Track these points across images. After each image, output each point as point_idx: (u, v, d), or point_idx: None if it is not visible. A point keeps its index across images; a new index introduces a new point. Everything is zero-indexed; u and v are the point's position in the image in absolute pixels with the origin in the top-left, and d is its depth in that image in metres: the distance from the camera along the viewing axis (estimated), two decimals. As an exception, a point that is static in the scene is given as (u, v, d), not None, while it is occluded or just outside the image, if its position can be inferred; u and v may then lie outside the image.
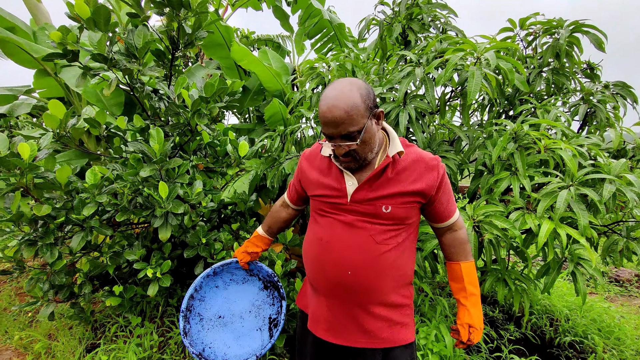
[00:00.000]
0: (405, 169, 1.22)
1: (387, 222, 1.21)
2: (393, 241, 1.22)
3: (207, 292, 1.79)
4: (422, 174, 1.21)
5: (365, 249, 1.20)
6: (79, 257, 2.65)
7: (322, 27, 3.99)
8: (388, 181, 1.21)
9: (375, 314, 1.24)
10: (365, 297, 1.22)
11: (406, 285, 1.30)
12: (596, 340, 2.69)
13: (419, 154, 1.25)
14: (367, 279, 1.20)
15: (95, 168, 2.27)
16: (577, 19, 2.40)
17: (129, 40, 2.14)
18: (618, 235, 2.13)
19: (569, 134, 2.24)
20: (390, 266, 1.22)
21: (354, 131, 1.09)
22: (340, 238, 1.23)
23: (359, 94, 1.08)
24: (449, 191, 1.29)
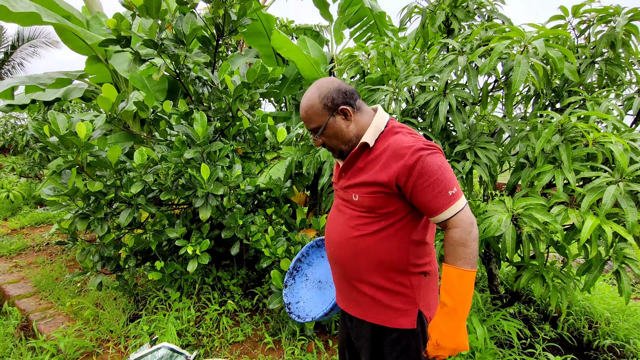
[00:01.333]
0: (375, 158, 1.23)
1: (359, 209, 1.27)
2: (367, 228, 1.25)
3: (314, 260, 2.04)
4: (388, 163, 1.18)
5: (341, 230, 1.32)
6: (125, 232, 2.82)
7: (363, 16, 3.96)
8: (359, 170, 1.28)
9: (359, 289, 1.32)
10: (346, 272, 1.34)
11: (396, 272, 1.27)
12: (639, 345, 2.57)
13: (393, 141, 1.21)
14: (343, 257, 1.32)
15: (143, 149, 2.40)
16: (637, 6, 2.26)
17: (177, 27, 2.23)
18: (670, 236, 2.01)
19: (620, 128, 2.13)
20: (363, 250, 1.27)
21: (316, 127, 1.28)
22: (332, 217, 1.41)
23: (317, 95, 1.24)
24: (434, 183, 1.14)
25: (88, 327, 2.67)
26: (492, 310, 2.76)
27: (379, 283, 1.27)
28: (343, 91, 1.25)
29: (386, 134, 1.26)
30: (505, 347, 2.46)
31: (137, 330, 2.56)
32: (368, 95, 2.59)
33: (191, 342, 2.50)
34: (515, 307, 3.07)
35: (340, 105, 1.24)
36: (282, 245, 2.58)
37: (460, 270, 1.13)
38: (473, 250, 1.14)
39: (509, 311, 2.93)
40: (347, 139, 1.28)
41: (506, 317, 2.57)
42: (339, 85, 1.25)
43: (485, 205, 2.09)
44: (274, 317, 2.74)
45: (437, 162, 1.14)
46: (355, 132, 1.28)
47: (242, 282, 3.16)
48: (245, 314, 2.76)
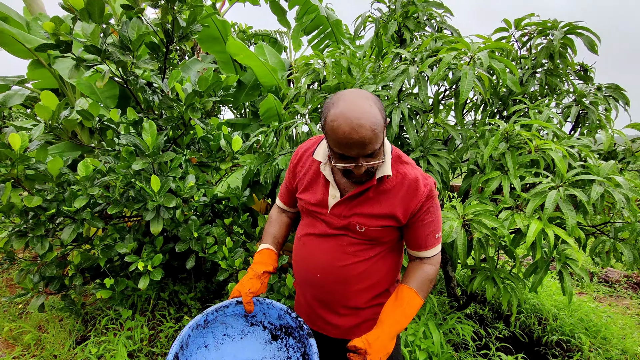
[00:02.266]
0: (388, 190, 1.18)
1: (360, 238, 1.22)
2: (364, 254, 1.22)
3: (193, 354, 1.25)
4: (405, 199, 1.16)
5: (334, 256, 1.23)
6: (70, 249, 2.64)
7: (319, 24, 3.98)
8: (367, 200, 1.18)
9: (340, 313, 1.28)
10: (329, 297, 1.28)
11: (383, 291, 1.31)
12: (583, 339, 2.73)
13: (409, 174, 1.17)
14: (332, 282, 1.24)
15: (87, 160, 2.26)
16: (572, 21, 2.42)
17: (123, 32, 2.13)
18: (606, 236, 2.15)
19: (560, 135, 2.26)
20: (357, 276, 1.23)
21: (378, 148, 1.04)
22: (314, 242, 1.27)
23: (377, 108, 1.02)
24: (432, 222, 1.19)
25: (29, 354, 2.47)
26: (449, 312, 2.83)
27: (365, 305, 1.28)
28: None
29: (395, 162, 1.19)
30: (461, 349, 2.52)
31: (84, 353, 2.40)
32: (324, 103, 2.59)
33: (144, 363, 2.37)
34: (471, 307, 3.17)
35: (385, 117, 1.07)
36: (239, 257, 2.52)
37: (421, 299, 1.19)
38: (432, 287, 1.26)
39: (465, 312, 3.02)
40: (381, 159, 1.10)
41: (461, 320, 2.65)
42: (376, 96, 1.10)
43: (438, 211, 2.14)
44: (232, 331, 2.66)
45: (437, 204, 1.22)
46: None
47: (200, 296, 3.05)
48: (203, 329, 2.67)
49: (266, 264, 1.33)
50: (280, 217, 1.49)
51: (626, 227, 2.10)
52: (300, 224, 1.39)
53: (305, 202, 1.28)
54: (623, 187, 1.87)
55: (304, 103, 2.75)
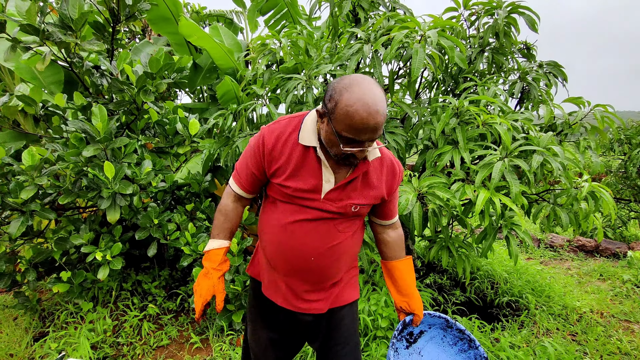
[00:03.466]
0: (372, 171, 1.24)
1: (352, 217, 1.29)
2: (350, 229, 1.30)
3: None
4: (387, 179, 1.28)
5: (328, 237, 1.25)
6: (21, 244, 2.51)
7: (275, 4, 3.90)
8: (360, 184, 1.24)
9: (326, 289, 1.35)
10: (323, 277, 1.31)
11: (356, 257, 1.44)
12: (530, 298, 2.98)
13: (385, 156, 1.29)
14: (327, 264, 1.28)
15: (33, 149, 2.14)
16: (515, 1, 2.54)
17: (62, 10, 2.00)
18: (547, 203, 2.34)
19: (505, 110, 2.40)
20: (345, 251, 1.32)
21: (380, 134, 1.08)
22: (306, 228, 1.24)
23: (383, 96, 1.05)
24: (397, 195, 1.39)
25: (-19, 354, 2.35)
26: (410, 282, 2.97)
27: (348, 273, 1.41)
28: None
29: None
30: (421, 314, 2.68)
31: (43, 349, 2.32)
32: (282, 84, 2.59)
33: (109, 354, 2.33)
34: (430, 277, 3.35)
35: None
36: (203, 242, 2.50)
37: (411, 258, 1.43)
38: None
39: (425, 282, 3.19)
40: None
41: (420, 288, 2.80)
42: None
43: (396, 186, 2.23)
44: (200, 315, 2.66)
45: None
46: None
47: (165, 284, 3.01)
48: (170, 316, 2.65)
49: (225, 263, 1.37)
50: (236, 207, 1.40)
51: (563, 193, 2.30)
52: (279, 211, 1.29)
53: (293, 189, 1.22)
54: (560, 156, 2.03)
55: (262, 84, 2.73)
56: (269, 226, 1.32)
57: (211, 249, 1.35)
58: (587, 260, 4.44)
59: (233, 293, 2.40)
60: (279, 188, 1.25)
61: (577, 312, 2.94)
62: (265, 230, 1.34)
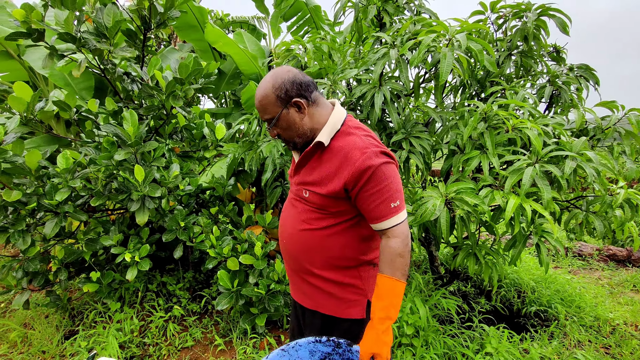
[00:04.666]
0: (329, 158, 1.22)
1: (310, 205, 1.28)
2: (317, 223, 1.27)
3: None
4: (340, 169, 1.18)
5: (292, 223, 1.34)
6: (53, 244, 2.60)
7: (298, 9, 3.94)
8: (312, 169, 1.27)
9: (309, 281, 1.35)
10: (296, 264, 1.36)
11: (347, 267, 1.30)
12: (559, 309, 2.88)
13: (347, 143, 1.20)
14: (293, 249, 1.35)
15: (67, 152, 2.22)
16: (544, 3, 2.48)
17: (98, 19, 2.07)
18: (579, 210, 2.26)
19: (535, 114, 2.34)
20: (314, 244, 1.29)
21: (269, 118, 1.23)
22: (285, 210, 1.41)
23: (271, 85, 1.18)
24: (380, 191, 1.15)
25: (16, 351, 2.43)
26: (434, 290, 2.93)
27: (330, 277, 1.30)
28: (298, 83, 1.19)
29: (341, 134, 1.23)
30: (447, 323, 2.62)
31: (73, 347, 2.38)
32: (307, 89, 2.60)
33: (136, 354, 2.38)
34: (454, 285, 3.29)
35: (293, 98, 1.19)
36: (228, 245, 2.53)
37: (398, 282, 1.15)
38: (407, 262, 1.17)
39: (449, 289, 3.13)
40: (301, 132, 1.24)
41: (446, 295, 2.75)
42: (294, 76, 1.19)
43: (422, 191, 2.20)
44: (224, 318, 2.69)
45: (386, 172, 1.15)
46: (309, 126, 1.24)
47: (189, 286, 3.05)
48: (194, 317, 2.68)
49: None
50: None
51: (597, 200, 2.22)
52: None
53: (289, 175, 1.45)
54: (594, 161, 1.97)
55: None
56: None
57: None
58: (618, 270, 4.27)
59: (257, 296, 2.41)
60: None
61: (610, 324, 2.82)
62: None
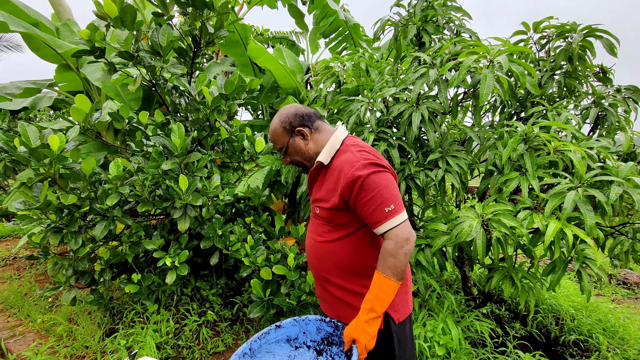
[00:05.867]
0: (329, 176, 1.38)
1: (322, 220, 1.44)
2: (328, 236, 1.42)
3: None
4: (337, 181, 1.32)
5: (312, 237, 1.50)
6: (99, 245, 2.76)
7: (338, 27, 4.04)
8: (319, 186, 1.44)
9: (328, 290, 1.47)
10: (317, 274, 1.51)
11: (361, 275, 1.39)
12: (601, 339, 2.74)
13: (341, 161, 1.32)
14: (313, 260, 1.49)
15: (119, 160, 2.37)
16: (592, 24, 2.44)
17: (153, 38, 2.23)
18: (624, 237, 2.17)
19: (579, 137, 2.28)
20: (327, 255, 1.43)
21: (280, 148, 1.46)
22: (308, 226, 1.58)
23: (278, 120, 1.43)
24: (372, 198, 1.24)
25: (62, 344, 2.59)
26: (466, 311, 2.86)
27: (346, 285, 1.42)
28: (300, 115, 1.43)
29: (340, 153, 1.38)
30: (479, 346, 2.56)
31: (114, 345, 2.51)
32: (344, 106, 2.66)
33: (171, 355, 2.47)
34: (487, 307, 3.20)
35: (296, 127, 1.41)
36: (261, 254, 2.60)
37: (384, 277, 1.22)
38: (401, 263, 1.22)
39: (481, 311, 3.05)
40: (307, 156, 1.45)
41: (479, 318, 2.68)
42: (296, 110, 1.44)
43: (457, 211, 2.19)
44: (254, 326, 2.75)
45: (375, 180, 1.24)
46: (315, 150, 1.43)
47: (221, 292, 3.14)
48: (226, 323, 2.76)
49: None
50: None
51: (645, 228, 2.12)
52: None
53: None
54: (642, 188, 1.89)
55: (324, 105, 2.82)
56: None
57: None
58: (667, 301, 4.00)
59: (288, 307, 2.46)
60: None
61: (657, 359, 2.65)
62: None
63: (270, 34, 5.59)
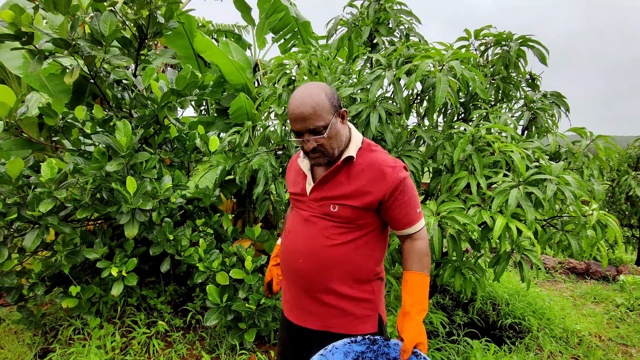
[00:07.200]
0: (358, 172, 1.29)
1: (336, 220, 1.29)
2: (342, 237, 1.29)
3: None
4: (373, 180, 1.26)
5: (314, 241, 1.31)
6: (28, 256, 2.45)
7: (287, 23, 3.98)
8: (340, 183, 1.29)
9: (321, 300, 1.32)
10: (311, 284, 1.33)
11: (363, 281, 1.34)
12: (532, 321, 3.04)
13: (376, 159, 1.29)
14: (313, 267, 1.31)
15: (53, 161, 2.11)
16: (524, 34, 2.67)
17: (94, 25, 2.01)
18: (555, 229, 2.43)
19: (516, 138, 2.50)
20: (337, 260, 1.29)
21: (321, 126, 1.19)
22: (297, 230, 1.37)
23: (324, 93, 1.20)
24: (408, 200, 1.27)
25: (-18, 372, 2.26)
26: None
27: (346, 292, 1.30)
28: (337, 95, 1.27)
29: (364, 150, 1.32)
30: (432, 336, 2.71)
31: (49, 367, 2.25)
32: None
33: (117, 372, 2.28)
34: (433, 298, 3.40)
35: (340, 107, 1.26)
36: (217, 258, 2.49)
37: (427, 277, 1.27)
38: (430, 260, 1.33)
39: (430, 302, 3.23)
40: (340, 142, 1.27)
41: (431, 309, 2.84)
42: (330, 87, 1.26)
43: (413, 209, 2.28)
44: (209, 333, 2.63)
45: (410, 184, 1.30)
46: (345, 140, 1.30)
47: (170, 300, 2.96)
48: (178, 333, 2.60)
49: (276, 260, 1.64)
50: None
51: (572, 221, 2.39)
52: (287, 221, 1.49)
53: (291, 193, 1.45)
54: (572, 185, 2.12)
55: (279, 103, 2.77)
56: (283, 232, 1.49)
57: (277, 244, 1.65)
58: (579, 282, 4.57)
59: (246, 312, 2.39)
60: (290, 197, 1.49)
61: (577, 335, 3.02)
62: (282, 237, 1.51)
63: (212, 26, 5.35)
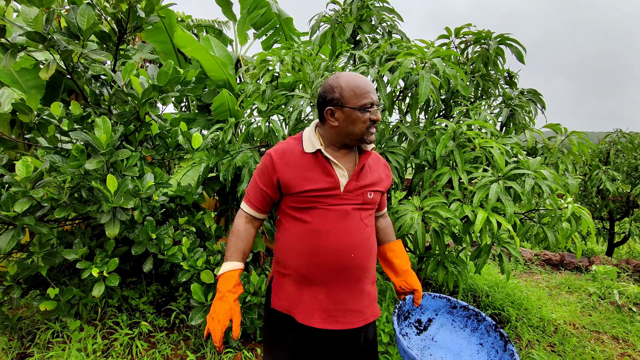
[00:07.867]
0: (373, 164, 1.47)
1: (369, 207, 1.42)
2: (371, 222, 1.45)
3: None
4: (382, 168, 1.51)
5: (359, 232, 1.35)
6: (3, 258, 2.36)
7: (270, 19, 3.95)
8: (366, 173, 1.41)
9: (366, 291, 1.40)
10: (363, 275, 1.38)
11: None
12: (510, 311, 3.15)
13: (379, 156, 1.56)
14: (364, 258, 1.37)
15: (28, 159, 2.04)
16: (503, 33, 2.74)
17: (70, 19, 1.94)
18: (532, 222, 2.51)
19: (495, 134, 2.57)
20: (373, 244, 1.44)
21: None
22: (337, 226, 1.31)
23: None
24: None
25: (-45, 379, 2.17)
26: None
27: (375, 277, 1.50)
28: None
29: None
30: (415, 328, 2.76)
31: (27, 372, 2.18)
32: (285, 102, 2.63)
33: (99, 375, 2.23)
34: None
35: None
36: (201, 257, 2.46)
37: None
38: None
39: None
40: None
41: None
42: None
43: (398, 205, 2.32)
44: (194, 332, 2.60)
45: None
46: None
47: (153, 300, 2.91)
48: (162, 333, 2.57)
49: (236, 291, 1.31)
50: (248, 227, 1.44)
51: (548, 214, 2.48)
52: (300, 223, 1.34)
53: (313, 190, 1.30)
54: (548, 179, 2.20)
55: (263, 100, 2.75)
56: (295, 240, 1.35)
57: (225, 271, 1.34)
58: (554, 273, 4.74)
59: (232, 309, 2.37)
60: (297, 197, 1.32)
61: (553, 323, 3.14)
62: (292, 246, 1.36)
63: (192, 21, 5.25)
